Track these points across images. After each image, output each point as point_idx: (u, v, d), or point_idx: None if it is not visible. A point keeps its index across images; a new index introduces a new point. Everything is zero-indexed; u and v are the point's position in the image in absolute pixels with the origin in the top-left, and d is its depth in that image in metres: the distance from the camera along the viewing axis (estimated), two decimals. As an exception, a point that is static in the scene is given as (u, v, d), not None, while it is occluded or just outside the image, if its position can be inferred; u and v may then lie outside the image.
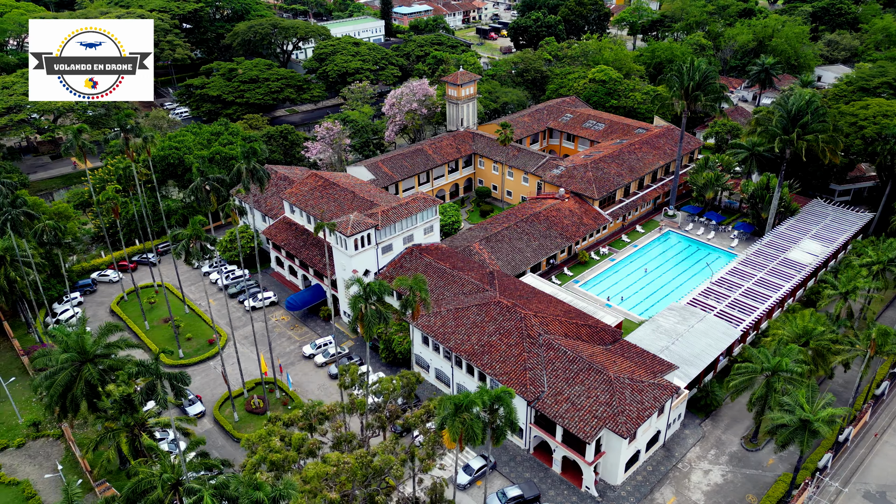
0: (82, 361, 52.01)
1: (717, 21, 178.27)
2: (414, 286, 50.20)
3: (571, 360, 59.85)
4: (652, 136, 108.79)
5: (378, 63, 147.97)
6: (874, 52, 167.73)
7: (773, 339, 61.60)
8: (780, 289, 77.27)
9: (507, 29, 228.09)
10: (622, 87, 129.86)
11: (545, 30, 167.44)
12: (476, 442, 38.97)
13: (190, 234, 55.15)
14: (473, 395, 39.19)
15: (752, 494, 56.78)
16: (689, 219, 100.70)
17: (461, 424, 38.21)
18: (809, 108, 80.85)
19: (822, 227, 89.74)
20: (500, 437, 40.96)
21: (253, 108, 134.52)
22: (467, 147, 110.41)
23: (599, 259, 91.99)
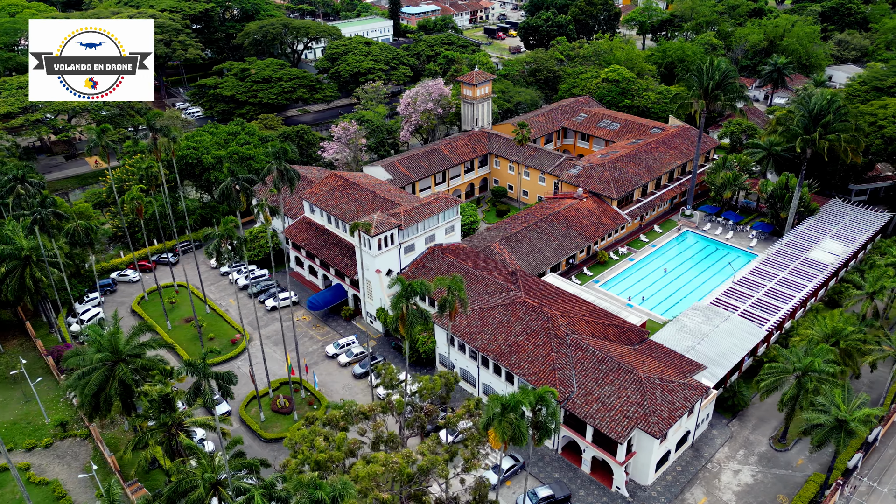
0: (115, 361, 51.98)
1: (726, 21, 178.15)
2: (452, 286, 50.13)
3: (600, 360, 59.79)
4: (668, 135, 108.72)
5: (390, 63, 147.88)
6: (885, 52, 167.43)
7: (802, 339, 61.57)
8: (802, 289, 77.21)
9: (516, 29, 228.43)
10: (635, 86, 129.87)
11: (556, 29, 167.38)
12: (523, 442, 38.95)
13: (222, 234, 55.12)
14: (519, 395, 39.13)
15: (782, 495, 56.72)
16: (706, 218, 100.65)
17: (508, 425, 38.20)
18: (831, 108, 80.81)
19: (841, 227, 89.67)
20: (544, 437, 40.94)
21: (266, 108, 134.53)
22: (483, 147, 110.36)
23: (619, 259, 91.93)
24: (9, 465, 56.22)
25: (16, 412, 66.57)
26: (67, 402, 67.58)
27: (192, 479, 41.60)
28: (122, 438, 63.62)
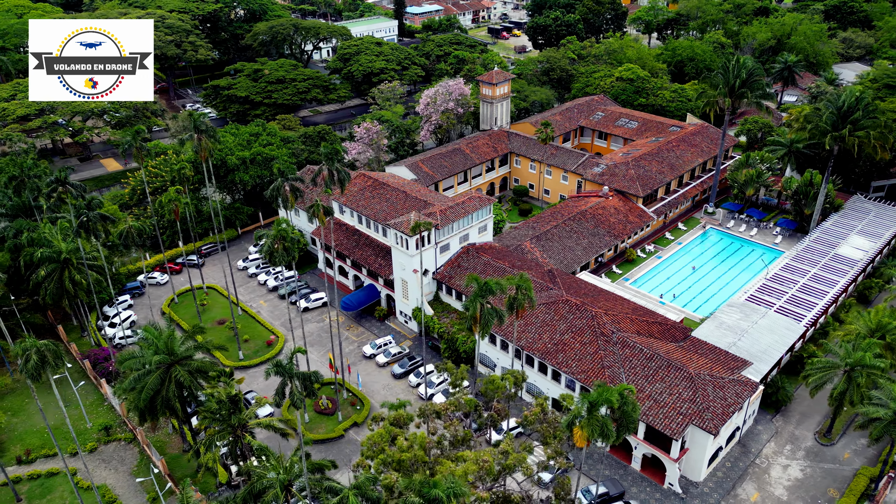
0: (171, 363, 51.65)
1: (732, 20, 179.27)
2: (521, 284, 50.10)
3: (649, 357, 60.01)
4: (687, 133, 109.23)
5: (401, 63, 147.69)
6: (890, 50, 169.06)
7: (848, 334, 61.99)
8: (835, 284, 77.88)
9: (521, 28, 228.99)
10: (650, 85, 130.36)
11: (564, 28, 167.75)
12: (610, 439, 39.06)
13: (275, 235, 54.85)
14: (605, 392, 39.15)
15: (833, 489, 57.15)
16: (729, 216, 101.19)
17: (596, 423, 38.25)
18: (860, 105, 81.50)
19: (866, 223, 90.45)
20: (622, 433, 41.06)
21: (280, 109, 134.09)
22: (503, 146, 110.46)
23: (646, 257, 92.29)
24: (62, 469, 55.95)
25: (56, 417, 65.96)
26: (108, 407, 67.03)
27: (266, 480, 41.40)
28: (166, 441, 63.21)
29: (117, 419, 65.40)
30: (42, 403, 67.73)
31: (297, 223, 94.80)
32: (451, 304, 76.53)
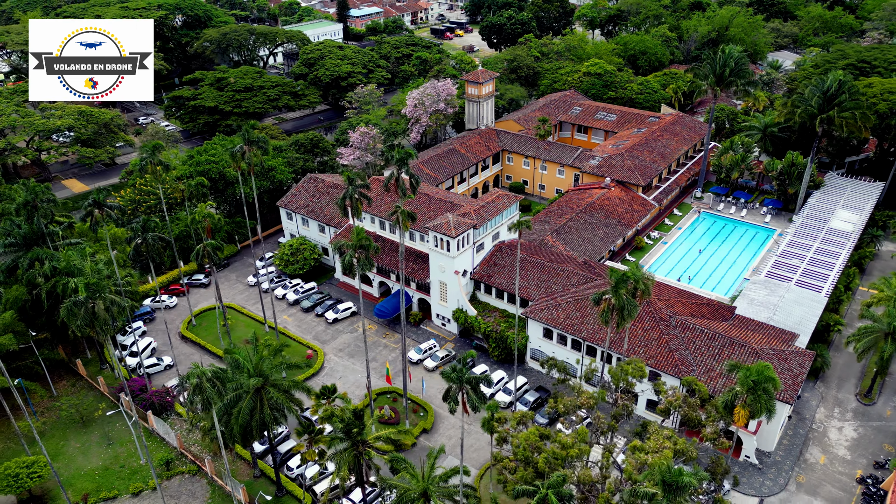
0: (261, 385, 49.24)
1: (670, 15, 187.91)
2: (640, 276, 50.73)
3: (710, 337, 62.49)
4: (667, 123, 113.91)
5: (366, 66, 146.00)
6: (814, 38, 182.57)
7: (880, 301, 66.70)
8: (839, 256, 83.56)
9: (463, 28, 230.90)
10: (617, 79, 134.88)
11: (519, 27, 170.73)
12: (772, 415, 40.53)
13: (355, 244, 53.16)
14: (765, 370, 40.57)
15: (888, 444, 61.54)
16: (717, 199, 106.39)
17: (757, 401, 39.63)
18: (844, 88, 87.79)
19: (846, 198, 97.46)
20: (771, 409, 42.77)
21: (249, 118, 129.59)
22: (495, 144, 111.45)
23: (653, 243, 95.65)
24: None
25: (102, 457, 61.29)
26: (158, 440, 62.91)
27: (408, 492, 40.39)
28: (231, 468, 60.01)
29: (173, 451, 61.51)
30: (80, 444, 62.83)
31: (306, 234, 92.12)
32: (490, 302, 76.64)
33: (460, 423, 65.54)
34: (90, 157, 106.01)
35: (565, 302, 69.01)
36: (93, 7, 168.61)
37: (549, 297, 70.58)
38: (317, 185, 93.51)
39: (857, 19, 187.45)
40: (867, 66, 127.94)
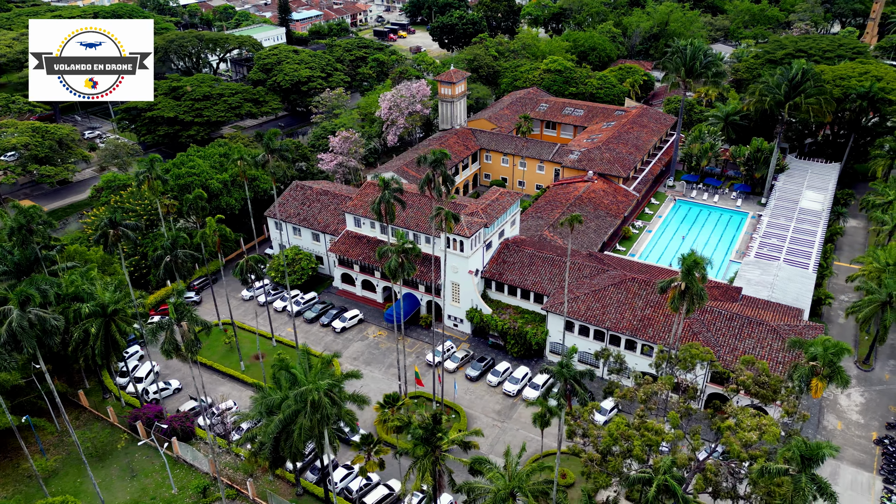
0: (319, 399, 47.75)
1: (611, 12, 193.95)
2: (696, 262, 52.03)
3: (729, 318, 65.18)
4: (634, 116, 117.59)
5: (324, 70, 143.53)
6: (744, 31, 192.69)
7: (869, 272, 71.33)
8: (815, 234, 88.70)
9: (405, 29, 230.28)
10: (577, 75, 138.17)
11: (471, 27, 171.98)
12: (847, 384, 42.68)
13: (399, 248, 52.18)
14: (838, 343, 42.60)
15: (893, 405, 65.94)
16: (689, 187, 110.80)
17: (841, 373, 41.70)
18: (808, 75, 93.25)
19: (810, 179, 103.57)
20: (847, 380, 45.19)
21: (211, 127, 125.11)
22: (472, 143, 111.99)
23: (639, 232, 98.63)
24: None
25: (129, 490, 57.79)
26: (186, 467, 59.87)
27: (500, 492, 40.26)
28: (272, 488, 57.87)
29: (206, 477, 58.70)
30: (100, 480, 59.01)
31: (298, 243, 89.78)
32: (502, 300, 77.06)
33: (492, 423, 65.80)
34: (50, 176, 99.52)
35: (583, 294, 70.28)
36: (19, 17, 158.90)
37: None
38: (305, 193, 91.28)
39: (782, 11, 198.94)
40: (804, 54, 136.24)
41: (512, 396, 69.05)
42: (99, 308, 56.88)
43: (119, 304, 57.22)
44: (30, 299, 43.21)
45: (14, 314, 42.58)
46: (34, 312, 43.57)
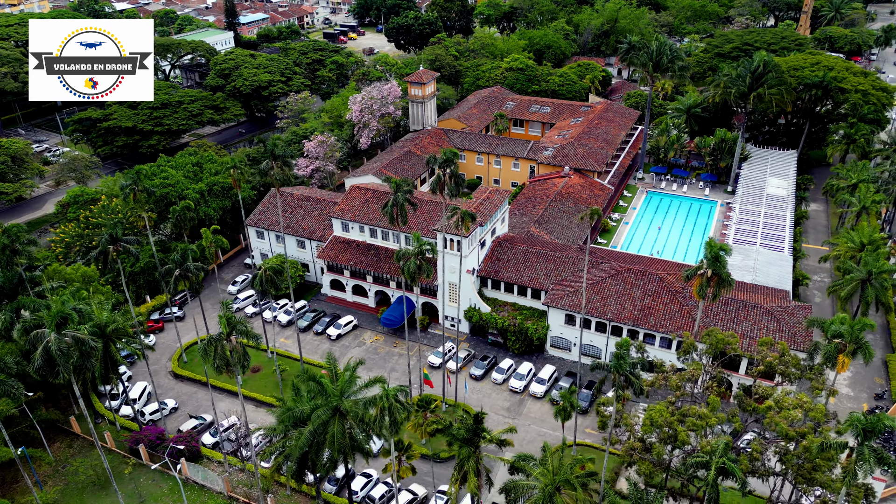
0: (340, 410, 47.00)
1: (561, 10, 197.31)
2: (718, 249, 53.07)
3: (724, 303, 67.38)
4: (600, 111, 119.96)
5: (284, 73, 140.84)
6: (688, 26, 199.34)
7: (843, 252, 74.99)
8: (785, 218, 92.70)
9: (355, 31, 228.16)
10: (538, 72, 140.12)
11: (427, 27, 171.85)
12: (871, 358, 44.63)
13: (416, 250, 51.57)
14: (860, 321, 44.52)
15: (877, 377, 69.57)
16: (658, 178, 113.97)
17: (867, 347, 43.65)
18: (769, 67, 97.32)
19: (772, 166, 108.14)
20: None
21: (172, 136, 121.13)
22: (446, 143, 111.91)
23: (617, 224, 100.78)
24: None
25: (140, 517, 55.29)
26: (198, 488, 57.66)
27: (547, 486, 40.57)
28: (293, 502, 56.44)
29: (219, 496, 56.71)
30: (107, 508, 56.29)
31: (282, 251, 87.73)
32: (499, 297, 77.40)
33: (503, 420, 66.02)
34: (7, 193, 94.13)
35: (582, 288, 71.28)
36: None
37: (563, 285, 72.54)
38: (286, 200, 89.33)
39: (721, 6, 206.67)
40: (750, 47, 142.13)
41: (519, 393, 69.51)
42: (97, 329, 54.05)
43: (117, 324, 54.49)
44: (67, 320, 40.66)
45: (52, 337, 39.95)
46: (70, 335, 40.98)
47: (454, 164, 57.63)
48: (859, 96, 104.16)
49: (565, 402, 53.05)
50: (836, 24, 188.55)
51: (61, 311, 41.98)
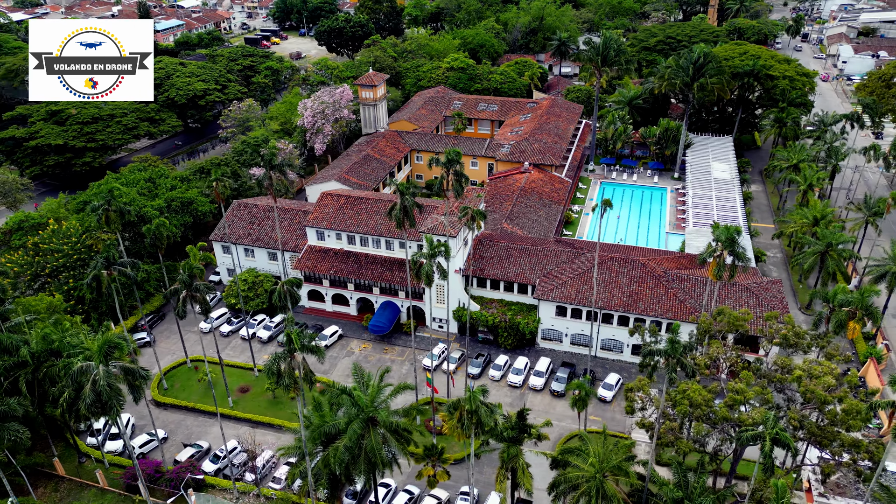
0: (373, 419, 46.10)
1: (488, 9, 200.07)
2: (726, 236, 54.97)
3: (706, 283, 70.53)
4: (547, 107, 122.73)
5: (218, 81, 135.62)
6: (607, 22, 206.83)
7: (799, 227, 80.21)
8: (734, 199, 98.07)
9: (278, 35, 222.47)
10: (479, 71, 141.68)
11: (359, 29, 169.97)
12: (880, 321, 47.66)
13: (431, 252, 50.82)
14: (867, 289, 47.50)
15: (841, 341, 74.83)
16: (609, 169, 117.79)
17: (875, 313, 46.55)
18: (709, 58, 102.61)
19: (713, 152, 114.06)
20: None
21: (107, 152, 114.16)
22: (403, 145, 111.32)
23: (579, 216, 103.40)
24: None
25: (153, 557, 51.87)
26: None
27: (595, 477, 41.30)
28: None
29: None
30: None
31: (252, 265, 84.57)
32: (485, 294, 77.77)
33: (509, 415, 66.38)
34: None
35: (570, 278, 72.78)
36: None
37: (551, 278, 73.78)
38: (251, 212, 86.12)
39: (637, 2, 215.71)
40: (674, 41, 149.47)
41: (518, 387, 70.14)
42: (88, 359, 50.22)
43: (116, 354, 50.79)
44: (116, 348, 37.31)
45: (100, 370, 36.53)
46: (119, 366, 37.67)
47: (459, 164, 57.36)
48: (787, 82, 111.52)
49: (583, 391, 54.06)
50: (742, 15, 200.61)
51: (109, 340, 38.62)
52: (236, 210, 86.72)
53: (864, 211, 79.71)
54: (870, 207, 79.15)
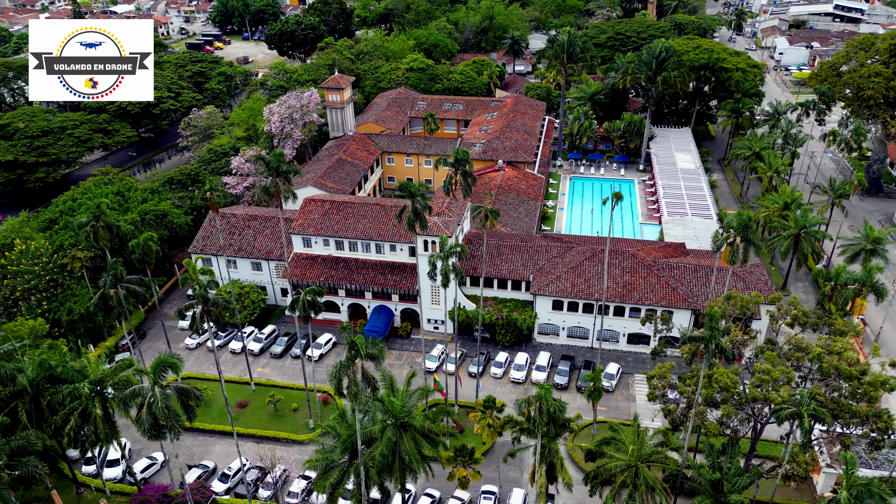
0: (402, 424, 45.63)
1: (437, 9, 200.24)
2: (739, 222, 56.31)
3: (694, 270, 72.86)
4: (511, 105, 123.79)
5: (171, 88, 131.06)
6: (554, 20, 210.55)
7: (770, 212, 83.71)
8: (702, 188, 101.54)
9: (220, 39, 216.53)
10: (439, 71, 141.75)
11: (311, 32, 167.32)
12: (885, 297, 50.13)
13: (446, 253, 50.36)
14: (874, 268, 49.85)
15: (818, 318, 78.56)
16: (577, 164, 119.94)
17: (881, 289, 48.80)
18: (670, 52, 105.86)
19: (676, 143, 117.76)
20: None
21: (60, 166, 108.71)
22: (374, 147, 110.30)
23: (554, 211, 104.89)
24: None
25: (174, 585, 49.63)
26: None
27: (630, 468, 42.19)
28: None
29: None
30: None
31: (236, 276, 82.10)
32: (478, 293, 77.87)
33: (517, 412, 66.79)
34: None
35: (564, 272, 73.75)
36: None
37: (545, 273, 74.55)
38: (230, 221, 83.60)
39: (580, 0, 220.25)
40: (623, 36, 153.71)
41: (521, 383, 70.63)
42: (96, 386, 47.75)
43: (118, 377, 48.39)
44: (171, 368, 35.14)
45: (156, 392, 34.37)
46: (174, 386, 35.53)
47: (468, 164, 57.22)
48: (740, 74, 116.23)
49: (598, 382, 54.98)
50: (681, 11, 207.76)
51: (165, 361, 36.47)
52: (213, 220, 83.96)
53: (830, 193, 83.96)
54: (835, 190, 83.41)
